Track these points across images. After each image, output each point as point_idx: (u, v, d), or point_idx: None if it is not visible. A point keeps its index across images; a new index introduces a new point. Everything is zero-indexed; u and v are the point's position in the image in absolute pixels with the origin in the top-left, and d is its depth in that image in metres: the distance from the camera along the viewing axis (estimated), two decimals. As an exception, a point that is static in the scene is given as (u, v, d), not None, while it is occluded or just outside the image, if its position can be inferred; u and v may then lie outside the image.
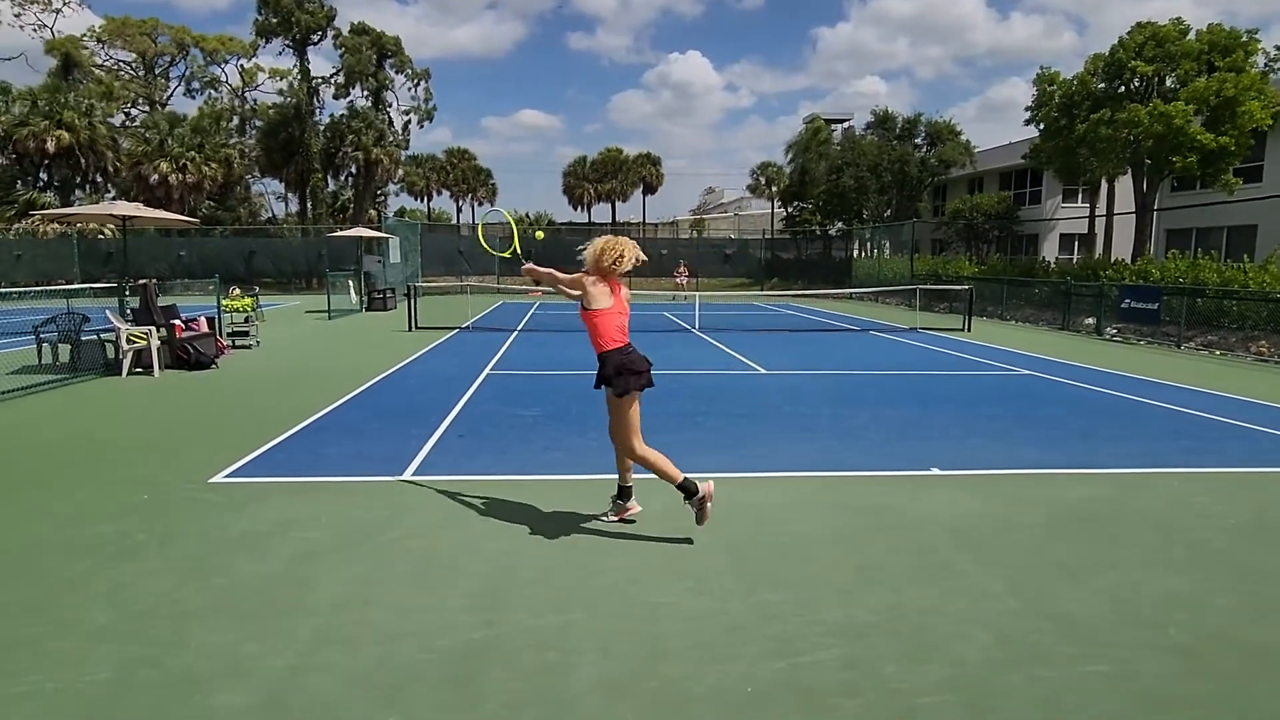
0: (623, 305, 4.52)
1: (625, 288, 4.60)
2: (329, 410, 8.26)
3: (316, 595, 3.80)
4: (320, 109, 40.32)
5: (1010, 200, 34.76)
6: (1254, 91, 19.88)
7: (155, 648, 3.29)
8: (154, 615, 3.59)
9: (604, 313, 4.43)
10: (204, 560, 4.23)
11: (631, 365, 4.40)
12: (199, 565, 4.16)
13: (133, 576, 4.01)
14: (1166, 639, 3.45)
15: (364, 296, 23.69)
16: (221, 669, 3.12)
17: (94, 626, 3.48)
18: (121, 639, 3.37)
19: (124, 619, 3.55)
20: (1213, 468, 6.37)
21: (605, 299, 4.44)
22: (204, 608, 3.66)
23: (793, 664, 3.21)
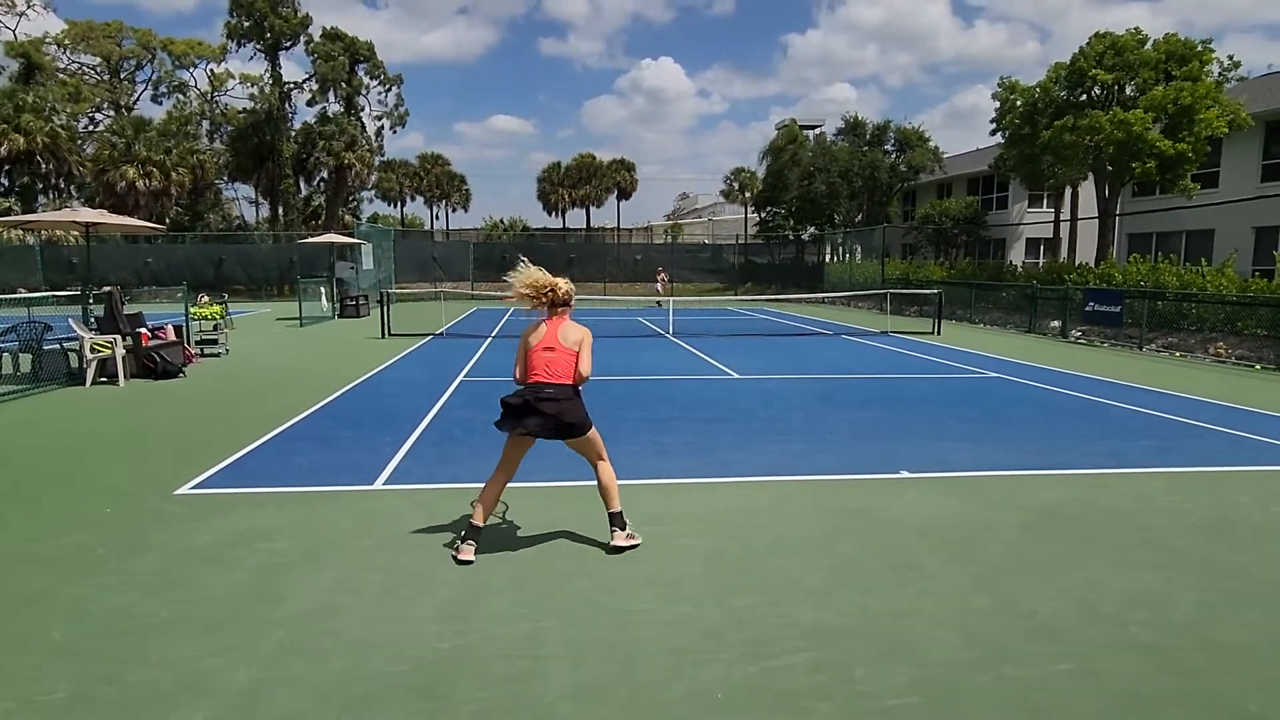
0: (550, 339, 4.29)
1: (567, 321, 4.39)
2: (299, 419, 8.15)
3: (283, 607, 3.74)
4: (292, 114, 39.90)
5: (978, 205, 35.32)
6: (1210, 100, 20.39)
7: (115, 664, 3.21)
8: (114, 630, 3.50)
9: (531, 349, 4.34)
10: (167, 573, 4.14)
11: (506, 402, 4.26)
12: (162, 578, 4.08)
13: (93, 591, 3.92)
14: (1132, 637, 3.52)
15: (336, 303, 23.43)
16: (183, 684, 3.06)
17: (52, 643, 3.39)
18: (80, 655, 3.28)
19: (83, 634, 3.47)
20: (1174, 467, 6.51)
21: (534, 337, 4.36)
22: (166, 622, 3.59)
23: (765, 668, 3.22)
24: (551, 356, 4.25)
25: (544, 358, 4.26)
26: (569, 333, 4.31)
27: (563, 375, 4.23)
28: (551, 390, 4.19)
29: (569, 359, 4.26)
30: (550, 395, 4.18)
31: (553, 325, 4.34)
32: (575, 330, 4.35)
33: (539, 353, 4.27)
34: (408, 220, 67.20)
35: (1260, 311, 15.24)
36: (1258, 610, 3.79)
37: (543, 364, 4.25)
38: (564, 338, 4.29)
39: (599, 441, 4.47)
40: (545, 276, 4.40)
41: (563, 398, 4.20)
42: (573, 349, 4.28)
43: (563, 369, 4.24)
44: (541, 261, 5.05)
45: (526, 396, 4.20)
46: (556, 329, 4.32)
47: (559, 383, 4.22)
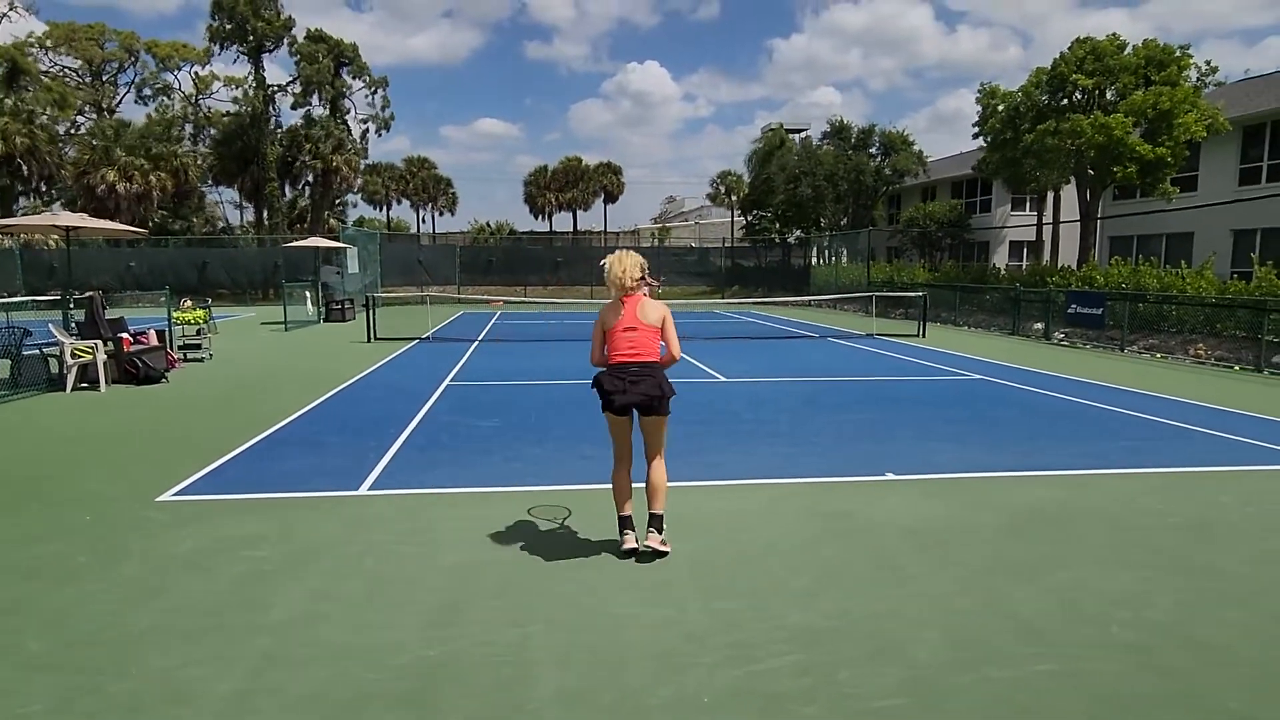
0: (631, 319, 4.33)
1: (644, 299, 4.40)
2: (283, 424, 8.09)
3: (266, 615, 3.71)
4: (276, 116, 39.64)
5: (962, 208, 35.58)
6: (1188, 104, 20.67)
7: (95, 675, 3.17)
8: (94, 641, 3.46)
9: (608, 331, 4.39)
10: (148, 581, 4.10)
11: (599, 383, 4.34)
12: (143, 587, 4.03)
13: (73, 600, 3.87)
14: (1113, 637, 3.55)
15: (322, 307, 23.29)
16: (165, 695, 3.03)
17: (30, 654, 3.35)
18: (59, 667, 3.24)
19: (62, 645, 3.42)
20: (1155, 468, 6.58)
21: (612, 318, 4.39)
22: (147, 631, 3.55)
23: (750, 671, 3.22)
24: (634, 335, 4.31)
25: (627, 337, 4.32)
26: (649, 312, 4.36)
27: (648, 353, 4.31)
28: (637, 368, 4.26)
29: (652, 336, 4.34)
30: (637, 372, 4.25)
31: (630, 305, 4.37)
32: (655, 309, 4.39)
33: (621, 333, 4.33)
34: (394, 224, 66.94)
35: (1238, 313, 15.44)
36: (1237, 609, 3.84)
37: (626, 343, 4.31)
38: (644, 316, 4.35)
39: (664, 432, 4.48)
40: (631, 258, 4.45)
41: (651, 374, 4.28)
42: (655, 327, 4.35)
43: (646, 346, 4.32)
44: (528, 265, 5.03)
45: (616, 376, 4.27)
46: (635, 308, 4.35)
47: (645, 360, 4.29)
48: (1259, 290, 15.45)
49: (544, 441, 7.40)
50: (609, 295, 4.51)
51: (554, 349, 15.78)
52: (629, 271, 4.36)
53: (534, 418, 8.55)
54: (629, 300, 4.38)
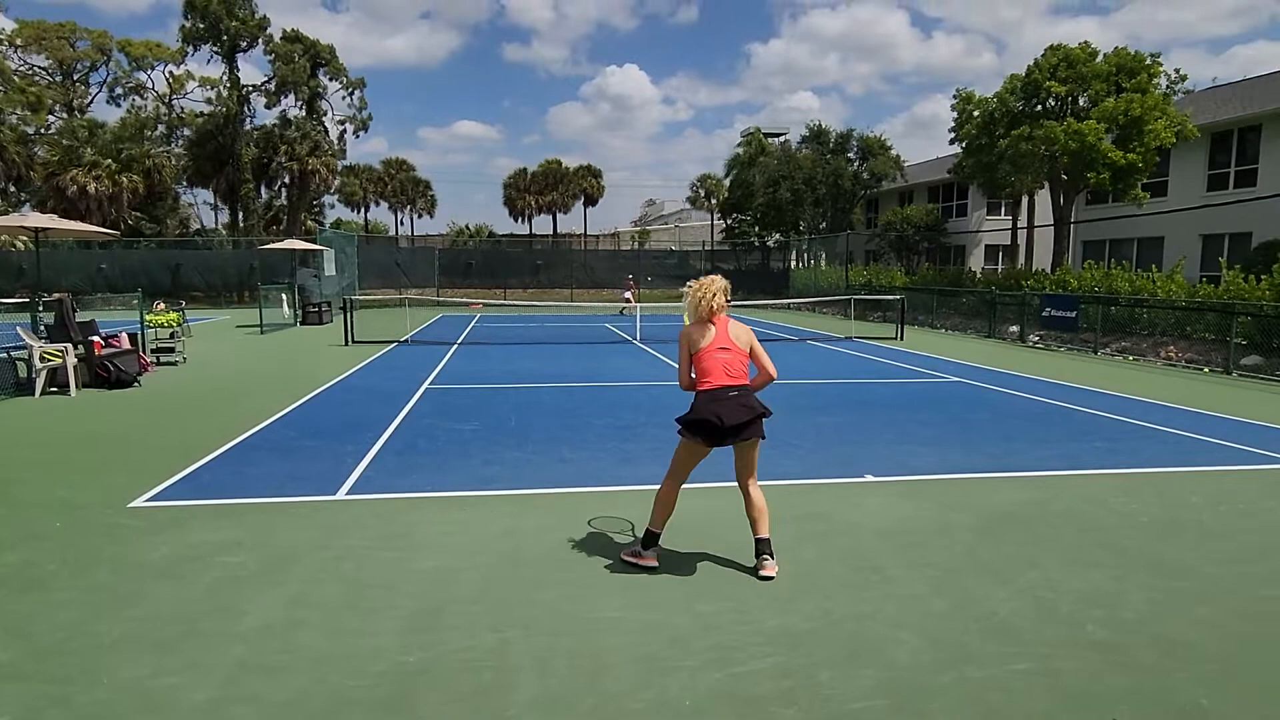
0: (724, 340, 4.20)
1: (731, 323, 4.30)
2: (259, 428, 8.00)
3: (241, 622, 3.66)
4: (251, 117, 39.17)
5: (938, 213, 35.99)
6: (1158, 111, 21.07)
7: (64, 685, 3.11)
8: (64, 650, 3.40)
9: (699, 353, 4.25)
10: (120, 589, 4.03)
11: (696, 414, 4.15)
12: (114, 595, 3.96)
13: (41, 608, 3.80)
14: (1087, 635, 3.60)
15: (298, 310, 23.05)
16: (137, 705, 2.98)
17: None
18: (27, 677, 3.18)
19: (30, 655, 3.35)
20: (1126, 469, 6.69)
21: (700, 334, 4.27)
22: (118, 640, 3.49)
23: (732, 674, 3.23)
24: (729, 358, 4.17)
25: (721, 359, 4.17)
26: (738, 333, 4.26)
27: (741, 375, 4.17)
28: (737, 393, 4.11)
29: (744, 359, 4.21)
30: (737, 398, 4.10)
31: (720, 325, 4.26)
32: (742, 330, 4.29)
33: (714, 354, 4.18)
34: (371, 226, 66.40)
35: (1208, 316, 15.75)
36: (1207, 607, 3.91)
37: (721, 366, 4.16)
38: (736, 338, 4.23)
39: None
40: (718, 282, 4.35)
41: (748, 397, 4.14)
42: (744, 349, 4.23)
43: (740, 369, 4.18)
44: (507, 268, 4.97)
45: (719, 403, 4.08)
46: (725, 330, 4.24)
47: (741, 384, 4.16)
48: (1227, 294, 15.77)
49: (524, 445, 7.37)
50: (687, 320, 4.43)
51: (534, 352, 15.74)
52: (716, 298, 4.25)
53: (514, 421, 8.52)
54: (719, 320, 4.27)
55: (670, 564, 4.43)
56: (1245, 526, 5.17)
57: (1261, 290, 14.78)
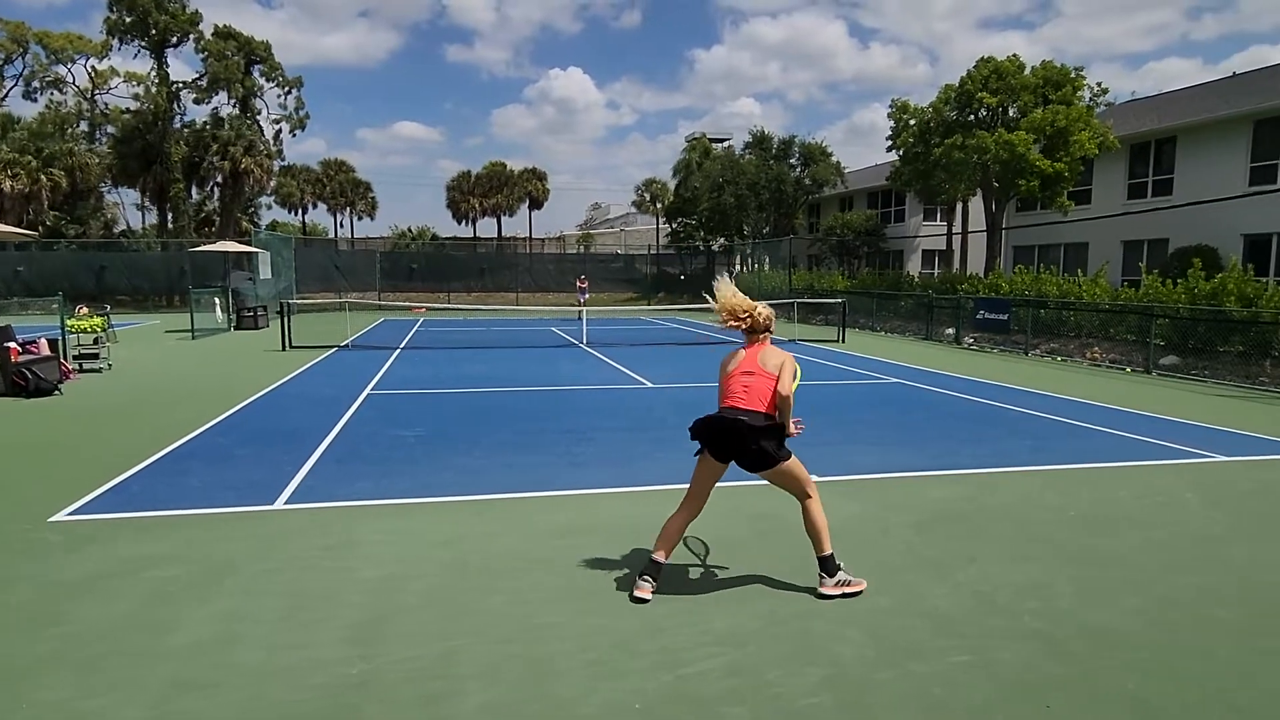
0: (750, 364, 4.11)
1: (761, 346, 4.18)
2: (191, 437, 7.70)
3: (173, 639, 3.51)
4: (182, 115, 37.75)
5: (877, 218, 36.90)
6: (1082, 123, 22.02)
7: (-21, 711, 2.94)
8: (-22, 674, 3.21)
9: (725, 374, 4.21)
10: (40, 608, 3.83)
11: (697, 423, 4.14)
12: (34, 614, 3.76)
13: (-48, 632, 3.58)
14: (1023, 626, 3.72)
15: (232, 315, 22.29)
16: (60, 728, 2.83)
17: (-97, 692, 3.07)
18: (-63, 704, 2.99)
19: (-59, 681, 3.16)
20: (1055, 465, 6.96)
21: (733, 364, 4.21)
22: (40, 661, 3.31)
23: (680, 675, 3.24)
24: (750, 381, 4.06)
25: (742, 382, 4.09)
26: (769, 358, 4.11)
27: (758, 402, 4.01)
28: (745, 416, 3.98)
29: (768, 384, 4.03)
30: (742, 420, 3.97)
31: (752, 351, 4.17)
32: (776, 355, 4.13)
33: (737, 377, 4.12)
34: (310, 228, 64.70)
35: (1129, 319, 16.50)
36: (1134, 596, 4.08)
37: (740, 388, 4.07)
38: (764, 362, 4.09)
39: (800, 475, 4.13)
40: (743, 300, 4.24)
41: (755, 424, 3.96)
42: (773, 373, 4.05)
43: (760, 394, 4.02)
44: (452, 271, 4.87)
45: (717, 418, 4.05)
46: (756, 354, 4.14)
47: (753, 409, 4.00)
48: (1147, 297, 16.55)
49: (470, 451, 7.27)
50: None
51: (480, 356, 15.55)
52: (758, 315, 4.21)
53: (459, 428, 8.40)
54: (751, 348, 4.19)
55: (618, 569, 4.43)
56: (1168, 518, 5.42)
57: (1177, 294, 15.56)
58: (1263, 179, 20.81)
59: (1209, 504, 5.77)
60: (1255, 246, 20.68)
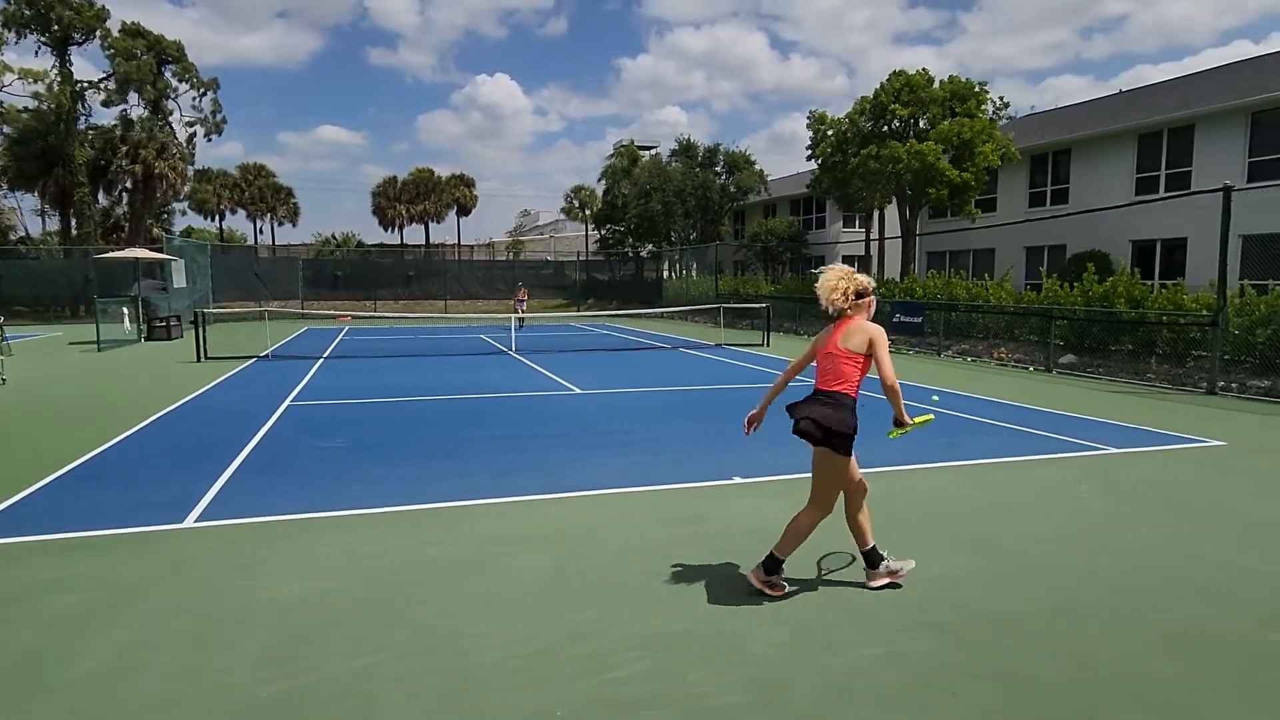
0: (832, 346, 4.07)
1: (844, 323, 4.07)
2: (95, 454, 7.32)
3: (73, 668, 3.35)
4: (87, 116, 35.73)
5: (799, 225, 37.84)
6: (985, 135, 23.14)
7: None
8: None
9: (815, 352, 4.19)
10: (-78, 643, 3.59)
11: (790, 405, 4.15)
12: (-85, 649, 3.52)
13: None
14: (933, 618, 3.90)
15: (143, 325, 21.23)
16: (-55, 769, 2.67)
17: None
18: None
19: None
20: (964, 460, 7.30)
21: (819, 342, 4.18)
22: (-79, 699, 3.11)
23: (603, 680, 3.28)
24: (828, 363, 4.06)
25: (823, 363, 4.11)
26: (851, 336, 4.02)
27: (836, 382, 4.00)
28: (824, 397, 4.01)
29: (846, 363, 3.99)
30: (820, 400, 4.02)
31: (837, 329, 4.09)
32: (859, 333, 4.00)
33: (821, 357, 4.13)
34: (227, 235, 62.19)
35: (1032, 320, 17.41)
36: (1036, 585, 4.32)
37: (820, 369, 4.10)
38: (845, 342, 4.02)
39: (841, 476, 4.13)
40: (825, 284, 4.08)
41: (829, 405, 3.98)
42: (855, 352, 3.99)
43: (836, 374, 4.00)
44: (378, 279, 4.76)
45: (801, 402, 4.07)
46: (839, 332, 4.06)
47: (830, 390, 4.01)
48: (1047, 300, 17.50)
49: (395, 461, 7.15)
50: None
51: (406, 365, 15.24)
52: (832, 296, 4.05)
53: (383, 437, 8.24)
54: (838, 325, 4.11)
55: (543, 577, 4.43)
56: (1067, 509, 5.76)
57: (1074, 297, 16.50)
58: (1147, 189, 22.30)
59: (1101, 494, 6.15)
60: (1142, 252, 22.13)
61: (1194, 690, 3.21)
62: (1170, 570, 4.54)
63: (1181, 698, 3.15)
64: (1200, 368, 12.79)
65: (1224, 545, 4.95)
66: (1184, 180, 21.11)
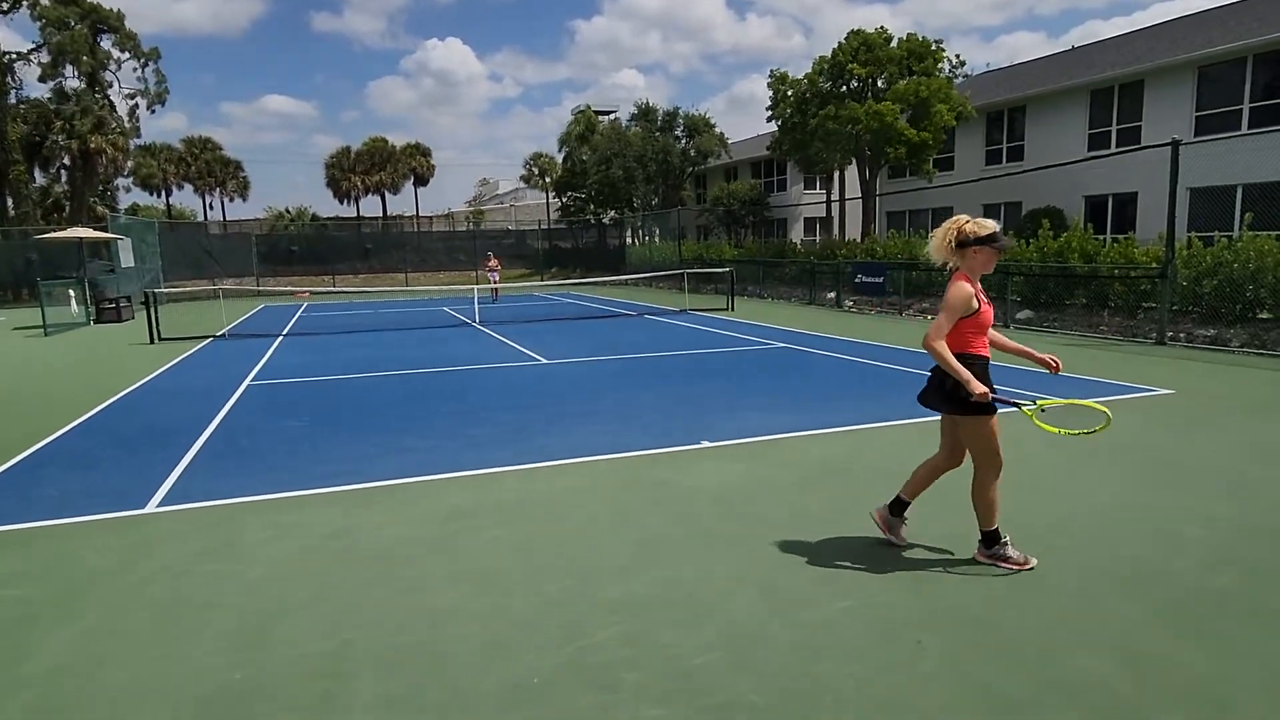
0: None
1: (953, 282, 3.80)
2: (45, 443, 7.11)
3: (30, 664, 3.27)
4: (18, 89, 34.05)
5: (761, 188, 37.84)
6: (942, 94, 23.27)
7: None
8: None
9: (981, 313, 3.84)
10: (-128, 643, 3.48)
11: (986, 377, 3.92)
12: None
13: None
14: (892, 571, 3.99)
15: (91, 307, 20.54)
16: (-97, 770, 2.60)
17: None
18: None
19: None
20: (927, 418, 7.40)
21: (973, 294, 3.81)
22: (-126, 701, 3.02)
23: (578, 647, 3.31)
24: None
25: None
26: (946, 293, 3.80)
27: None
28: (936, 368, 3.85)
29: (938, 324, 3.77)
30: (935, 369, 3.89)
31: None
32: (948, 292, 3.79)
33: None
34: (176, 212, 60.20)
35: (990, 278, 17.64)
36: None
37: None
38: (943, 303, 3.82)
39: (982, 443, 3.86)
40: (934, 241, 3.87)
41: (934, 372, 3.90)
42: None
43: None
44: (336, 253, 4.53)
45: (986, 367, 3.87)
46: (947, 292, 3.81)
47: None
48: (1004, 257, 17.77)
49: (358, 438, 7.06)
50: None
51: (368, 339, 15.01)
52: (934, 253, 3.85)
53: (346, 414, 8.12)
54: None
55: (514, 547, 4.44)
56: (1024, 463, 5.90)
57: (1030, 253, 16.78)
58: (1099, 144, 22.67)
59: (1051, 445, 6.31)
60: (1095, 208, 22.57)
61: (1145, 626, 3.34)
62: (1119, 519, 4.70)
63: (1134, 635, 3.28)
64: (1150, 319, 13.16)
65: (1169, 492, 5.13)
66: (1135, 135, 21.50)
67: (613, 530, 4.66)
